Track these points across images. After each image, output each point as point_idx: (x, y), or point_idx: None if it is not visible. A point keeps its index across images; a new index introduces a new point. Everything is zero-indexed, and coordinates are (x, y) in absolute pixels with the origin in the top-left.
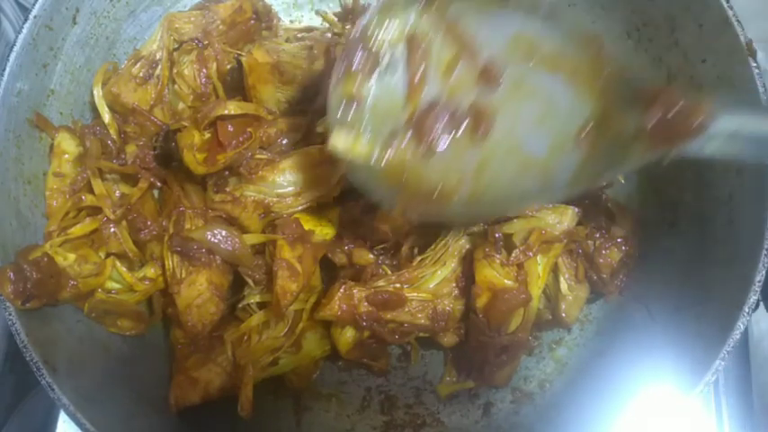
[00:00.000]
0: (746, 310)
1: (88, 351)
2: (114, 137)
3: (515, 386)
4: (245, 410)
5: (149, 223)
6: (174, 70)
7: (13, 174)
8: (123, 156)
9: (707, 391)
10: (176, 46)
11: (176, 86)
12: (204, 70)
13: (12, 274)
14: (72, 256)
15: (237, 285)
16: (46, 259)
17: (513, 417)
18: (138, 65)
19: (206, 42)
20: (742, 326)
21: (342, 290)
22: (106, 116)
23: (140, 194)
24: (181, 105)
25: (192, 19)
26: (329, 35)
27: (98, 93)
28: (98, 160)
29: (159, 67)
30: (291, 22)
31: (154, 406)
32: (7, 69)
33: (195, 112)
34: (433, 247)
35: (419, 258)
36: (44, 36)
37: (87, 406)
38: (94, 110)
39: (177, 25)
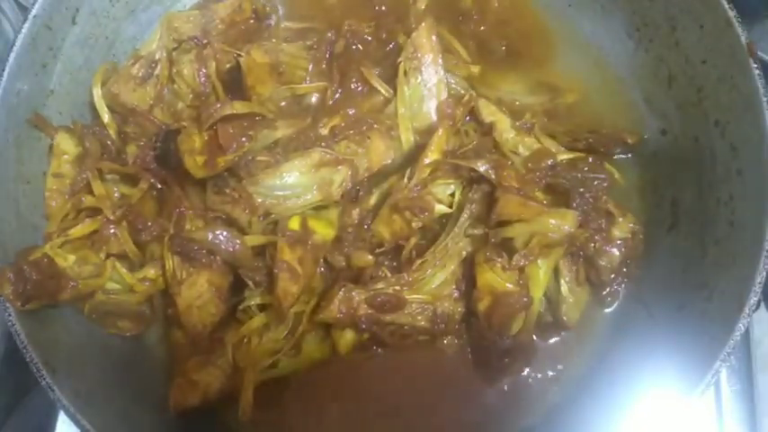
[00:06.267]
0: (747, 310)
1: (88, 352)
2: (114, 137)
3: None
4: (246, 414)
5: (149, 224)
6: (174, 70)
7: (12, 174)
8: (124, 156)
9: (708, 392)
10: (175, 45)
11: (175, 86)
12: (203, 69)
13: (11, 275)
14: (72, 257)
15: (238, 287)
16: (46, 260)
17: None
18: (138, 65)
19: (205, 41)
20: (743, 326)
21: (341, 292)
22: (105, 116)
23: (140, 195)
24: (180, 105)
25: (192, 18)
26: (330, 35)
27: (97, 93)
28: (98, 161)
29: (158, 66)
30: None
31: (153, 406)
32: (7, 69)
33: (197, 111)
34: (432, 249)
35: (419, 261)
36: (44, 36)
37: (87, 407)
38: (94, 110)
39: (176, 24)
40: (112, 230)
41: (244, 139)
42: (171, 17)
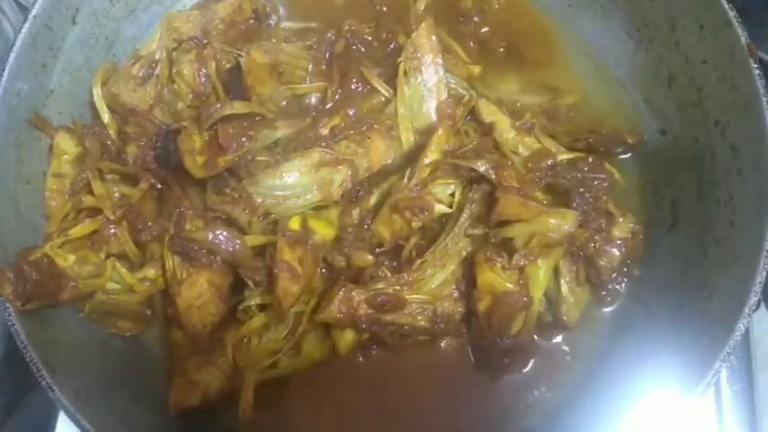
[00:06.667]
0: (747, 310)
1: (88, 352)
2: (114, 137)
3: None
4: (246, 414)
5: (150, 224)
6: (174, 70)
7: (12, 174)
8: (124, 156)
9: (708, 392)
10: (175, 45)
11: (175, 86)
12: (204, 69)
13: (11, 275)
14: (72, 258)
15: (238, 287)
16: (46, 260)
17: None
18: (138, 65)
19: (205, 41)
20: (743, 326)
21: (341, 292)
22: (105, 116)
23: (140, 195)
24: (180, 105)
25: (192, 18)
26: (330, 35)
27: (97, 93)
28: (98, 161)
29: (158, 66)
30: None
31: (153, 406)
32: (7, 69)
33: (197, 111)
34: (432, 249)
35: (419, 261)
36: (44, 36)
37: (86, 407)
38: (94, 110)
39: (176, 24)
40: (112, 230)
41: (244, 139)
42: (171, 17)
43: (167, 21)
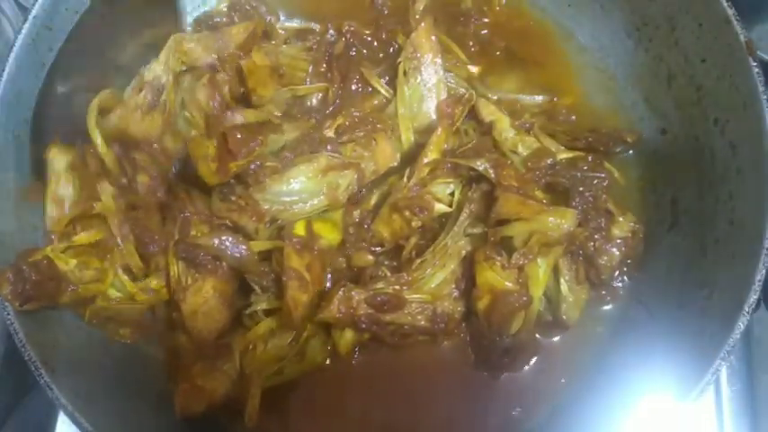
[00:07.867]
0: (747, 309)
1: (87, 351)
2: (111, 166)
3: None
4: (252, 420)
5: (156, 237)
6: (186, 96)
7: (12, 174)
8: (134, 185)
9: (708, 392)
10: (183, 68)
11: (187, 113)
12: (218, 96)
13: (11, 275)
14: (73, 262)
15: (244, 291)
16: (46, 262)
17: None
18: (143, 92)
19: (218, 66)
20: (742, 325)
21: (341, 292)
22: (100, 147)
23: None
24: (193, 132)
25: (202, 42)
26: (329, 35)
27: (91, 122)
28: (101, 176)
29: (165, 92)
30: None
31: (152, 406)
32: (7, 69)
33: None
34: (432, 248)
35: (419, 260)
36: (44, 36)
37: (86, 406)
38: None
39: (185, 48)
40: (118, 242)
41: (254, 143)
42: (179, 39)
43: (175, 43)
